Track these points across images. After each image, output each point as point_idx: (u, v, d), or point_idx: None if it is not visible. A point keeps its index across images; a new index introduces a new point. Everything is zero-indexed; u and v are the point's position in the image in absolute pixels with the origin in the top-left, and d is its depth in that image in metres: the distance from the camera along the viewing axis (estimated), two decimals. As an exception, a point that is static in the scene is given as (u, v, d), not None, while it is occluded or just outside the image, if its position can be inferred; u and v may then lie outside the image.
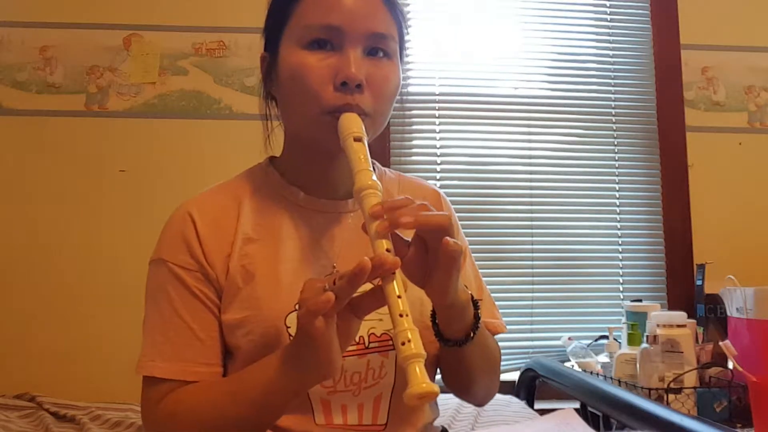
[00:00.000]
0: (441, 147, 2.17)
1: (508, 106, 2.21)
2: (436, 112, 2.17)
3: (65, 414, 1.62)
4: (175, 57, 2.06)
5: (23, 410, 1.65)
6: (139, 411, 1.69)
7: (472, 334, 0.79)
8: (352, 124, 0.78)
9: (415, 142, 2.16)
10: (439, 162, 2.17)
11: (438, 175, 2.15)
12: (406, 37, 0.90)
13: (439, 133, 2.18)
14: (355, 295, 0.67)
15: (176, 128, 2.04)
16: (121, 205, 1.98)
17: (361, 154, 0.75)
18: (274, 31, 0.87)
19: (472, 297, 0.80)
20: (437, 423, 0.95)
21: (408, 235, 0.71)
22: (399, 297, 0.64)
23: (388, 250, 0.67)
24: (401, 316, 0.63)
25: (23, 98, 2.00)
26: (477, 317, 0.80)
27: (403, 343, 0.62)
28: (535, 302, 2.13)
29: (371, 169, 0.73)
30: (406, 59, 0.91)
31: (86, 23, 2.04)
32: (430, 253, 0.70)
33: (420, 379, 0.61)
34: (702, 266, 2.00)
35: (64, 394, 1.75)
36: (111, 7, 2.05)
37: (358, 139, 0.76)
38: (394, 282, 0.65)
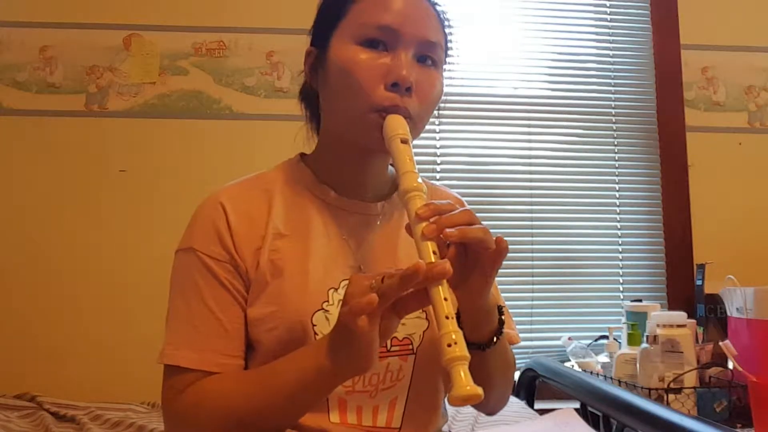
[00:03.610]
0: (441, 147, 2.17)
1: (508, 106, 2.21)
2: (436, 112, 2.16)
3: (65, 414, 1.62)
4: (175, 57, 2.06)
5: (23, 410, 1.65)
6: (140, 411, 1.70)
7: (495, 339, 0.80)
8: (398, 125, 0.78)
9: (415, 142, 2.16)
10: (439, 162, 2.17)
11: (438, 175, 2.15)
12: (450, 51, 0.91)
13: (439, 133, 2.18)
14: None
15: (176, 128, 2.04)
16: (121, 205, 1.98)
17: (407, 155, 0.76)
18: (326, 26, 0.87)
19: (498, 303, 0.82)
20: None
21: None
22: (445, 299, 0.65)
23: (434, 252, 0.67)
24: (447, 318, 0.64)
25: (23, 98, 2.00)
26: (501, 322, 0.81)
27: (449, 345, 0.62)
28: (535, 302, 2.13)
29: (417, 171, 0.74)
30: (446, 70, 0.92)
31: (86, 23, 2.04)
32: (470, 254, 0.71)
33: (465, 381, 0.61)
34: (702, 266, 2.00)
35: (64, 394, 1.75)
36: (111, 7, 2.05)
37: (405, 141, 0.77)
38: (440, 285, 0.65)
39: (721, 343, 1.44)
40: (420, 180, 0.73)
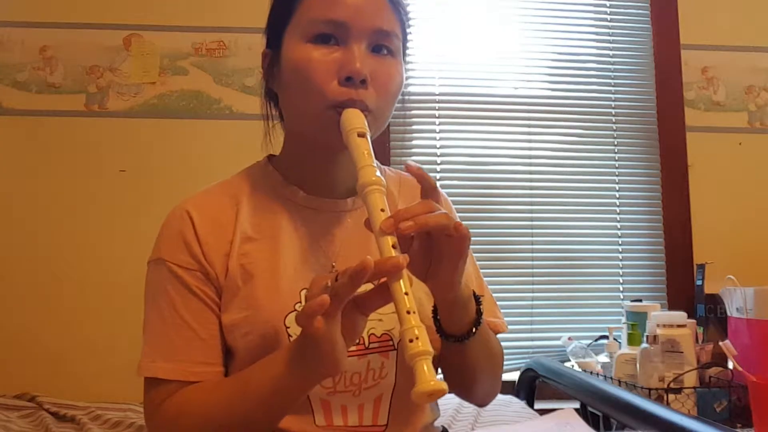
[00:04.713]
0: (441, 147, 2.17)
1: (508, 106, 2.21)
2: (436, 112, 2.17)
3: (65, 414, 1.62)
4: (175, 57, 2.06)
5: (23, 410, 1.65)
6: (140, 411, 1.70)
7: (474, 330, 0.79)
8: (355, 119, 0.77)
9: (415, 142, 2.16)
10: (439, 162, 2.17)
11: (438, 175, 2.15)
12: (409, 37, 0.90)
13: (439, 133, 2.18)
14: (360, 292, 0.66)
15: (176, 128, 2.04)
16: (121, 205, 1.98)
17: (364, 149, 0.74)
18: (277, 26, 0.86)
19: (474, 292, 0.80)
20: (437, 423, 0.95)
21: None
22: (406, 294, 0.64)
23: (393, 247, 0.66)
24: (408, 313, 0.63)
25: (23, 98, 2.00)
26: (479, 312, 0.80)
27: (411, 341, 0.61)
28: (535, 302, 2.13)
29: (375, 165, 0.73)
30: (407, 59, 0.91)
31: (86, 23, 2.04)
32: (435, 246, 0.70)
33: (428, 376, 0.60)
34: (702, 266, 2.00)
35: (64, 394, 1.75)
36: (111, 7, 2.06)
37: (362, 135, 0.76)
38: (401, 279, 0.64)
39: (721, 343, 1.44)
40: (378, 174, 0.72)
